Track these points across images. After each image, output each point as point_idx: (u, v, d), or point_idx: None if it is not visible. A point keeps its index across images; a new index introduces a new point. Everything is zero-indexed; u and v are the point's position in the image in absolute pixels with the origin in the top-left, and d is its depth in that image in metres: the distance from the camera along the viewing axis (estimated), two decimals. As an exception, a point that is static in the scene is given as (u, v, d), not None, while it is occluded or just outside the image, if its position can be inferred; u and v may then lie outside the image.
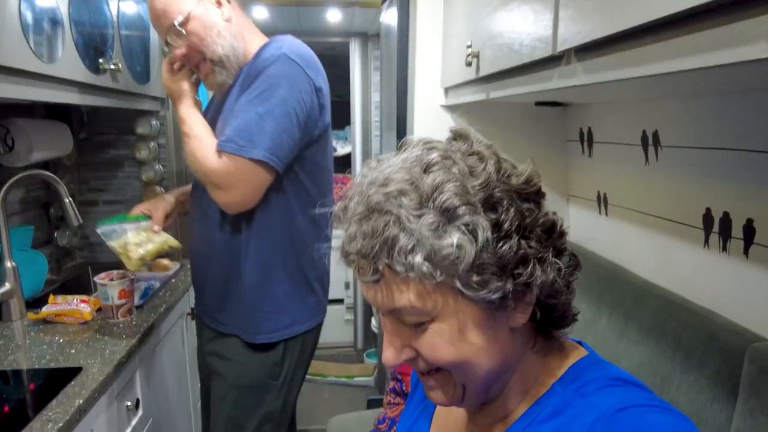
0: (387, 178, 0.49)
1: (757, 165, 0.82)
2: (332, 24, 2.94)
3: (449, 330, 0.49)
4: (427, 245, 0.45)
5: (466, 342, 0.50)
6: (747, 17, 0.42)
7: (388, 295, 0.49)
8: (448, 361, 0.51)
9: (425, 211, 0.46)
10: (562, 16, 0.75)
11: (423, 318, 0.49)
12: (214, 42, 1.15)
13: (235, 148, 1.10)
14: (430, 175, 0.47)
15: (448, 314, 0.49)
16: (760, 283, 0.83)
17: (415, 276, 0.46)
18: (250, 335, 1.24)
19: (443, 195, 0.46)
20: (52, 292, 1.56)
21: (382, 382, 2.54)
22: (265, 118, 1.10)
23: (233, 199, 1.14)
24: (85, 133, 1.99)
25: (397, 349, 0.52)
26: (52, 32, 1.22)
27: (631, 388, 0.51)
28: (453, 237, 0.45)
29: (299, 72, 1.12)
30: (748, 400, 0.72)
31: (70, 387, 1.06)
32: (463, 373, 0.52)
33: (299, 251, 1.25)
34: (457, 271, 0.46)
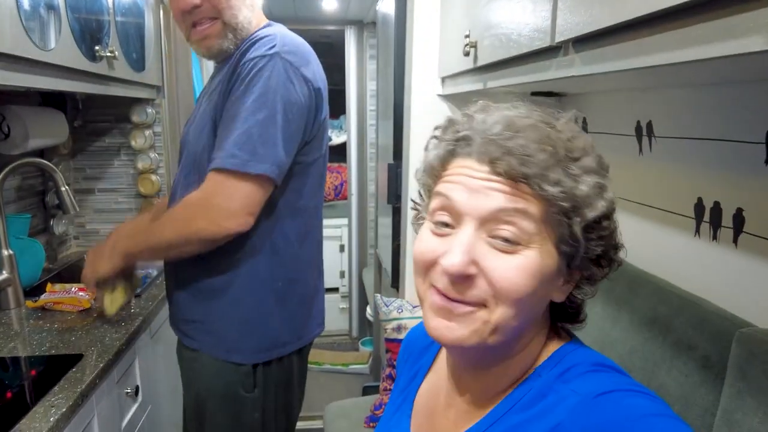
0: (549, 122, 0.53)
1: (747, 155, 0.84)
2: (328, 12, 2.93)
3: (533, 262, 0.49)
4: (579, 179, 0.50)
5: (538, 283, 0.50)
6: (742, 11, 0.44)
7: (512, 198, 0.49)
8: (515, 291, 0.49)
9: (580, 156, 0.51)
10: (560, 6, 0.76)
11: (522, 237, 0.49)
12: (239, 8, 1.08)
13: (238, 163, 1.00)
14: (583, 138, 0.54)
15: (540, 249, 0.50)
16: (749, 271, 0.85)
17: (559, 196, 0.49)
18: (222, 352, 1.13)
19: (591, 155, 0.52)
20: (49, 281, 1.57)
21: (377, 370, 2.57)
22: (267, 127, 1.01)
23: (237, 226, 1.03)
24: (80, 120, 1.98)
25: (468, 258, 0.49)
26: (48, 18, 1.21)
27: (612, 373, 0.52)
28: (594, 186, 0.51)
29: (294, 73, 1.04)
30: (735, 383, 0.74)
31: (72, 373, 1.07)
32: (510, 312, 0.50)
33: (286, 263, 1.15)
34: (583, 216, 0.50)
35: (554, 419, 0.50)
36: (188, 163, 1.14)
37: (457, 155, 0.53)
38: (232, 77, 1.05)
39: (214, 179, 1.03)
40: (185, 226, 1.04)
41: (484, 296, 0.50)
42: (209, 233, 1.03)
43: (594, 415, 0.47)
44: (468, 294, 0.50)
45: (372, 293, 2.75)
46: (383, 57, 2.20)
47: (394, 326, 1.59)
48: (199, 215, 1.03)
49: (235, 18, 1.08)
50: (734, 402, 0.74)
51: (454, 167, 0.53)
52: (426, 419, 0.64)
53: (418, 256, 0.54)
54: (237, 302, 1.12)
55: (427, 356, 0.70)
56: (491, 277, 0.49)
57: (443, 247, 0.51)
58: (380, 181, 2.35)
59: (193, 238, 1.04)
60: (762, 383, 0.69)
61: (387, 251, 2.07)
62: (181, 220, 1.05)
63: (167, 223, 1.07)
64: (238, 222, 1.03)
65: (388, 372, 1.64)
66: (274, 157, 1.03)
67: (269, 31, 1.09)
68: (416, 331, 0.76)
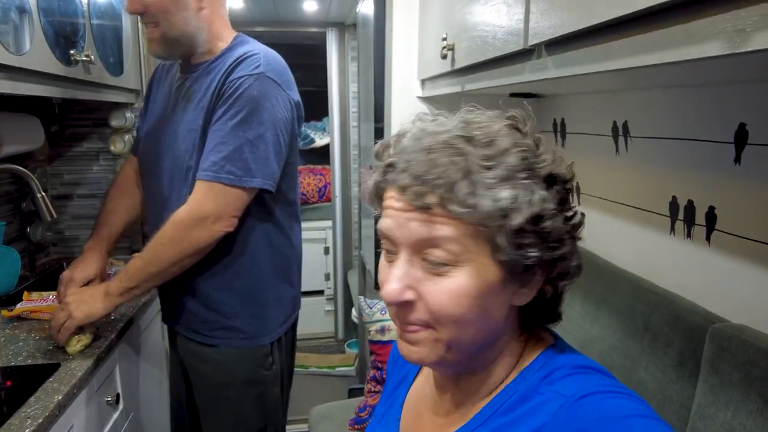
0: (464, 127, 0.51)
1: (718, 154, 0.86)
2: (309, 14, 2.92)
3: (466, 281, 0.50)
4: (488, 192, 0.48)
5: (475, 299, 0.50)
6: (702, 17, 0.45)
7: (427, 225, 0.49)
8: (449, 313, 0.50)
9: (494, 163, 0.49)
10: (533, 10, 0.77)
11: (449, 258, 0.50)
12: (174, 22, 1.12)
13: (233, 179, 1.08)
14: (505, 139, 0.50)
15: (472, 266, 0.50)
16: (721, 268, 0.87)
17: (468, 215, 0.48)
18: (242, 341, 1.23)
19: (511, 157, 0.49)
20: (26, 289, 1.54)
21: (363, 372, 2.57)
22: (258, 144, 1.09)
23: (225, 226, 1.11)
24: (57, 125, 1.95)
25: (403, 287, 0.51)
26: (20, 22, 1.19)
27: (595, 375, 0.53)
28: (511, 192, 0.48)
29: (278, 91, 1.12)
30: (708, 378, 0.76)
31: (49, 383, 1.05)
32: (455, 331, 0.51)
33: (283, 250, 1.26)
34: (504, 226, 0.48)
35: (538, 421, 0.50)
36: (177, 171, 1.19)
37: (387, 183, 0.53)
38: (217, 93, 1.12)
39: (204, 190, 1.11)
40: (182, 242, 1.11)
41: (426, 319, 0.52)
42: (204, 241, 1.11)
43: (577, 417, 0.48)
44: (412, 318, 0.52)
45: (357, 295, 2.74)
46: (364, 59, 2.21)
47: (378, 328, 1.59)
48: (194, 227, 1.10)
49: (171, 31, 1.13)
50: (707, 397, 0.75)
51: (387, 197, 0.54)
52: (413, 423, 0.65)
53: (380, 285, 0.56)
54: (247, 295, 1.22)
55: None
56: (426, 301, 0.51)
57: (387, 275, 0.53)
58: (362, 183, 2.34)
59: (191, 251, 1.11)
60: (733, 377, 0.71)
61: (370, 252, 2.07)
62: (177, 238, 1.11)
63: (164, 244, 1.12)
64: (224, 224, 1.11)
65: (373, 374, 1.64)
66: (267, 171, 1.12)
67: (250, 49, 1.15)
68: None
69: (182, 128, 1.18)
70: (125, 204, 1.36)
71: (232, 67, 1.12)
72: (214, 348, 1.23)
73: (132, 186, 1.38)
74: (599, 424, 0.46)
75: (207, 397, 1.27)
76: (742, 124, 0.81)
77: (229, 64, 1.12)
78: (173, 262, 1.12)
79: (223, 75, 1.12)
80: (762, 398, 0.66)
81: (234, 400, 1.24)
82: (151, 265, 1.12)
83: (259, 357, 1.25)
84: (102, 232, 1.32)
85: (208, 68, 1.17)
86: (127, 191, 1.37)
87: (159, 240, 1.12)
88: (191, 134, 1.16)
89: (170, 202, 1.19)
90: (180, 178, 1.18)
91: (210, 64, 1.18)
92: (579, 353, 0.58)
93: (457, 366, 0.56)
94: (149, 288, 1.18)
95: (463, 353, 0.54)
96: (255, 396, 1.25)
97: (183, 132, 1.17)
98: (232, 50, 1.17)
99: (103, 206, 1.37)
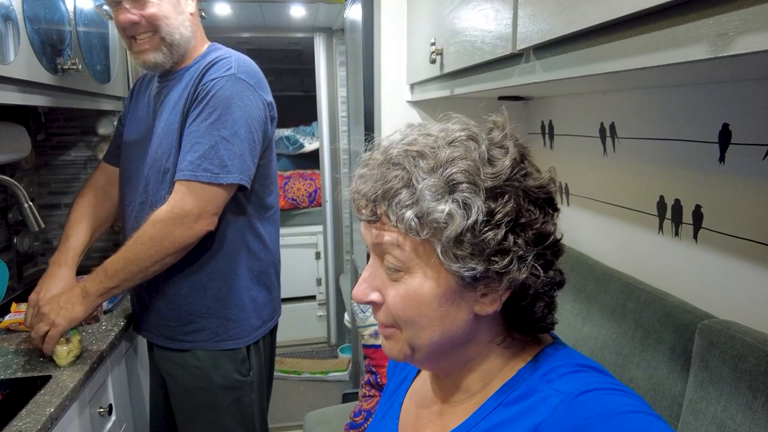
0: (414, 139, 0.54)
1: (703, 154, 0.88)
2: (296, 19, 2.92)
3: (418, 287, 0.53)
4: (422, 204, 0.50)
5: (427, 305, 0.53)
6: (686, 21, 0.46)
7: (379, 233, 0.54)
8: (403, 315, 0.54)
9: (433, 176, 0.50)
10: (520, 15, 0.78)
11: (400, 265, 0.53)
12: (176, 27, 1.16)
13: (210, 176, 1.10)
14: (451, 149, 0.52)
15: (423, 273, 0.53)
16: (708, 265, 0.89)
17: (403, 228, 0.51)
18: (216, 343, 1.23)
19: (453, 168, 0.50)
20: (13, 300, 1.52)
21: (357, 377, 2.56)
22: (232, 141, 1.12)
23: (206, 225, 1.13)
24: (43, 134, 1.93)
25: (369, 288, 0.56)
26: (5, 30, 1.18)
27: (593, 373, 0.54)
28: (447, 205, 0.49)
29: (250, 91, 1.16)
30: (698, 373, 0.77)
31: (40, 395, 1.04)
32: (413, 333, 0.55)
33: (258, 253, 1.27)
34: (441, 238, 0.50)
35: (537, 418, 0.51)
36: (154, 174, 1.20)
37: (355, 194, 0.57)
38: (191, 95, 1.14)
39: (183, 189, 1.12)
40: (163, 241, 1.11)
41: (389, 320, 0.56)
42: (185, 239, 1.12)
43: (575, 413, 0.49)
44: (380, 317, 0.57)
45: (349, 299, 2.74)
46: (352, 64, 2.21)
47: (372, 332, 1.60)
48: (174, 225, 1.10)
49: (171, 35, 1.16)
50: (698, 391, 0.77)
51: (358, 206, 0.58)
52: (412, 422, 0.66)
53: None
54: (219, 296, 1.22)
55: None
56: (389, 304, 0.55)
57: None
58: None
59: (172, 249, 1.12)
60: (722, 372, 0.72)
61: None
62: (158, 237, 1.11)
63: (144, 243, 1.12)
64: (205, 222, 1.13)
65: (367, 378, 1.64)
66: (242, 167, 1.14)
67: (222, 53, 1.19)
68: None
69: (159, 132, 1.20)
70: (91, 212, 1.34)
71: (204, 70, 1.15)
72: (188, 353, 1.23)
73: (101, 194, 1.37)
74: (598, 419, 0.47)
75: (183, 403, 1.27)
76: (726, 124, 0.83)
77: (202, 68, 1.16)
78: (154, 260, 1.12)
79: (196, 78, 1.15)
80: (751, 391, 0.67)
81: (210, 406, 1.25)
82: (132, 264, 1.12)
83: (236, 361, 1.25)
84: (68, 244, 1.29)
85: (184, 75, 1.21)
86: (95, 200, 1.36)
87: (140, 239, 1.12)
88: (168, 137, 1.17)
89: (146, 206, 1.20)
90: (157, 181, 1.19)
91: (187, 71, 1.21)
92: (577, 352, 0.59)
93: (429, 365, 0.60)
94: (129, 287, 1.17)
95: (429, 354, 0.56)
96: (231, 402, 1.25)
97: (160, 136, 1.19)
98: (206, 56, 1.21)
99: (68, 216, 1.34)
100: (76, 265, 1.29)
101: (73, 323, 1.14)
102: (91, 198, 1.35)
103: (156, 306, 1.24)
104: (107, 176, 1.37)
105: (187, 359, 1.23)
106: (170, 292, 1.22)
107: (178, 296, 1.22)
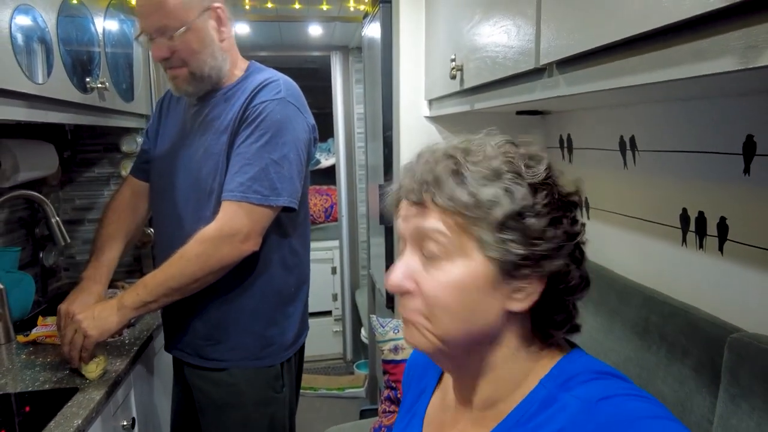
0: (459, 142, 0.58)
1: (727, 166, 0.88)
2: (313, 38, 2.98)
3: (458, 274, 0.54)
4: (471, 187, 0.53)
5: (467, 293, 0.54)
6: (713, 35, 0.47)
7: (421, 218, 0.56)
8: (441, 302, 0.55)
9: (480, 165, 0.54)
10: (543, 30, 0.80)
11: (441, 250, 0.54)
12: (204, 61, 1.16)
13: (261, 198, 1.12)
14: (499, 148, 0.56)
15: (464, 260, 0.54)
16: (735, 277, 0.88)
17: (453, 205, 0.53)
18: (252, 362, 1.23)
19: (497, 161, 0.54)
20: (39, 314, 1.55)
21: (374, 393, 2.55)
22: (282, 164, 1.13)
23: (253, 245, 1.14)
24: (69, 151, 1.99)
25: (404, 276, 0.57)
26: (41, 52, 1.23)
27: (613, 379, 0.54)
28: (494, 189, 0.52)
29: (298, 115, 1.18)
30: (729, 388, 0.76)
31: (68, 408, 1.05)
32: (447, 322, 0.55)
33: (294, 269, 1.27)
34: (487, 219, 0.52)
35: (556, 425, 0.51)
36: (196, 193, 1.21)
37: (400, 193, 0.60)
38: (240, 117, 1.15)
39: (233, 209, 1.13)
40: (210, 259, 1.11)
41: (422, 308, 0.56)
42: (231, 258, 1.13)
43: (594, 420, 0.49)
44: (409, 306, 0.57)
45: (366, 315, 2.74)
46: (370, 80, 2.25)
47: (391, 347, 1.59)
48: (223, 243, 1.11)
49: (200, 69, 1.17)
50: (729, 407, 0.75)
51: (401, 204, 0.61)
52: None
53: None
54: (256, 314, 1.23)
55: (431, 373, 0.71)
56: (422, 290, 0.56)
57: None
58: (371, 201, 2.37)
59: (217, 267, 1.12)
60: (754, 387, 0.71)
61: (380, 271, 2.07)
62: (205, 254, 1.12)
63: (190, 260, 1.12)
64: (253, 242, 1.14)
65: (387, 394, 1.63)
66: (291, 190, 1.17)
67: (270, 76, 1.21)
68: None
69: (201, 152, 1.19)
70: (122, 228, 1.34)
71: (254, 93, 1.16)
72: (224, 372, 1.22)
73: (129, 209, 1.37)
74: (617, 425, 0.47)
75: (213, 419, 1.25)
76: (750, 135, 0.83)
77: (250, 90, 1.17)
78: (196, 278, 1.12)
79: (245, 101, 1.16)
80: (785, 406, 0.66)
81: (241, 423, 1.23)
82: (173, 280, 1.13)
83: (270, 378, 1.24)
84: (101, 259, 1.29)
85: (225, 95, 1.21)
86: (124, 214, 1.36)
87: (185, 256, 1.12)
88: (213, 158, 1.17)
89: (186, 224, 1.20)
90: (199, 200, 1.19)
91: (228, 91, 1.21)
92: (596, 359, 0.59)
93: (453, 362, 0.60)
94: (166, 303, 1.17)
95: (456, 347, 0.57)
96: (264, 418, 1.24)
97: (202, 156, 1.19)
98: (249, 77, 1.21)
99: (99, 231, 1.34)
100: (108, 281, 1.30)
101: (106, 335, 1.15)
102: (121, 213, 1.36)
103: (190, 325, 1.24)
104: (134, 190, 1.38)
105: (223, 377, 1.22)
106: (206, 311, 1.22)
107: (213, 315, 1.21)
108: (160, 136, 1.34)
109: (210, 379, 1.24)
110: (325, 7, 2.32)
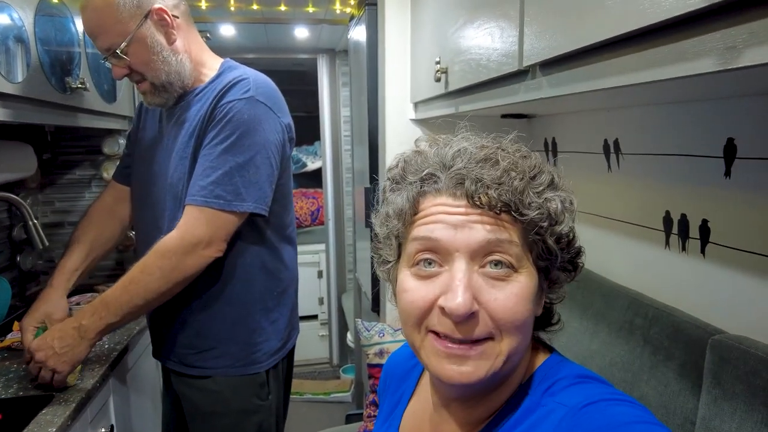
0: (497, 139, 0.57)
1: (708, 169, 0.88)
2: (300, 41, 2.97)
3: (526, 286, 0.51)
4: (543, 200, 0.51)
5: (529, 304, 0.52)
6: (693, 36, 0.47)
7: (494, 228, 0.49)
8: (513, 318, 0.49)
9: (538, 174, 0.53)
10: (527, 32, 0.80)
11: (513, 263, 0.50)
12: (158, 68, 1.12)
13: (223, 204, 1.07)
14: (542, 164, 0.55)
15: (527, 271, 0.52)
16: (717, 279, 0.89)
17: (536, 214, 0.50)
18: (236, 369, 1.21)
19: (544, 174, 0.54)
20: (16, 319, 1.51)
21: (360, 398, 2.53)
22: (248, 167, 1.08)
23: (216, 251, 1.09)
24: (49, 153, 1.94)
25: (471, 296, 0.49)
26: (17, 51, 1.20)
27: (595, 384, 0.54)
28: (558, 201, 0.52)
29: (269, 115, 1.12)
30: (711, 390, 0.76)
31: (42, 415, 1.02)
32: (518, 339, 0.51)
33: (278, 273, 1.24)
34: (551, 230, 0.52)
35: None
36: (171, 198, 1.17)
37: (427, 194, 0.53)
38: (207, 118, 1.11)
39: (194, 215, 1.08)
40: (173, 271, 1.07)
41: (490, 330, 0.50)
42: (195, 268, 1.09)
43: (581, 425, 0.48)
44: (475, 332, 0.49)
45: (352, 319, 2.72)
46: (356, 84, 2.24)
47: (376, 351, 1.58)
48: (186, 255, 1.07)
49: (158, 78, 1.13)
50: (711, 409, 0.75)
51: (428, 207, 0.52)
52: None
53: (410, 307, 0.52)
54: (239, 321, 1.19)
55: (409, 381, 0.70)
56: (491, 309, 0.49)
57: (436, 290, 0.50)
58: (357, 205, 2.36)
59: (181, 279, 1.08)
60: (736, 388, 0.71)
61: (366, 275, 2.06)
62: (168, 268, 1.07)
63: (152, 274, 1.07)
64: (215, 248, 1.10)
65: (372, 398, 1.62)
66: (258, 195, 1.11)
67: (240, 74, 1.15)
68: (396, 357, 0.76)
69: (174, 156, 1.17)
70: (90, 233, 1.30)
71: (222, 92, 1.11)
72: (209, 379, 1.20)
73: (106, 214, 1.34)
74: (603, 431, 0.47)
75: (201, 428, 1.24)
76: (731, 138, 0.83)
77: (219, 89, 1.12)
78: (162, 291, 1.08)
79: (213, 100, 1.11)
80: (766, 408, 0.66)
81: (230, 431, 1.21)
82: (138, 298, 1.08)
83: (255, 386, 1.22)
84: (66, 265, 1.26)
85: (197, 96, 1.17)
86: (98, 220, 1.33)
87: (146, 270, 1.08)
88: (183, 161, 1.14)
89: (164, 228, 1.17)
90: (173, 207, 1.16)
91: (199, 92, 1.17)
92: (576, 364, 0.58)
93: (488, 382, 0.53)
94: (132, 320, 1.13)
95: (513, 364, 0.53)
96: (252, 426, 1.22)
97: (175, 159, 1.16)
98: (221, 76, 1.17)
99: (71, 237, 1.31)
100: (69, 286, 1.26)
101: (77, 365, 1.10)
102: (94, 218, 1.33)
103: (174, 334, 1.21)
104: (116, 195, 1.35)
105: (207, 384, 1.20)
106: (188, 320, 1.19)
107: (196, 324, 1.19)
108: (139, 140, 1.32)
109: (195, 387, 1.22)
110: (311, 9, 2.31)
